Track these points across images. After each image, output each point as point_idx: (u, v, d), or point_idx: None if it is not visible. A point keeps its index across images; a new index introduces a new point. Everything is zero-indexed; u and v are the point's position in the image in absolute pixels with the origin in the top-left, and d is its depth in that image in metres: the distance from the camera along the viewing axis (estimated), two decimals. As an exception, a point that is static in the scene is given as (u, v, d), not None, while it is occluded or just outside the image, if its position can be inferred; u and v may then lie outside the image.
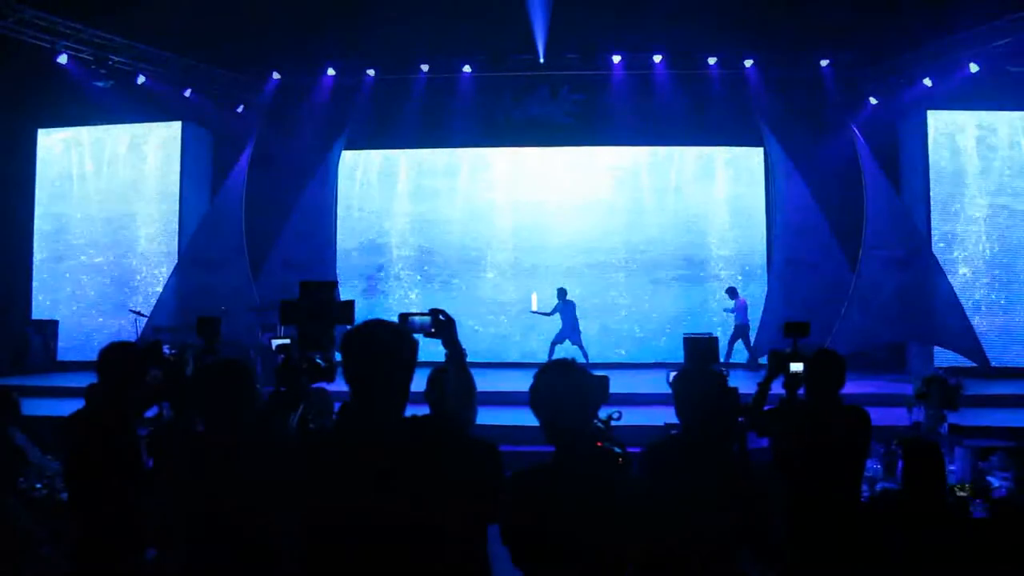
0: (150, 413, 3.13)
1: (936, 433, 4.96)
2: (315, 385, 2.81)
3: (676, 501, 2.47)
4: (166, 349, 3.92)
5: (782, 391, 3.98)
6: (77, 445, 3.01)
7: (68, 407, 8.02)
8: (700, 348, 4.06)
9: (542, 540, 2.20)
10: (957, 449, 4.64)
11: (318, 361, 2.78)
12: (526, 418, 2.37)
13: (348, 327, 2.53)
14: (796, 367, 3.87)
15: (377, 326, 2.16)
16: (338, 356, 2.18)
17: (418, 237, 14.73)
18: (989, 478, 4.74)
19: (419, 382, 2.34)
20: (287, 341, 2.85)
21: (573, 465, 2.27)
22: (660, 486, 2.58)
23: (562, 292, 12.84)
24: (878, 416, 7.36)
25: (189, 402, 2.78)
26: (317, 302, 2.89)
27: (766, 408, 3.84)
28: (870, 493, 4.32)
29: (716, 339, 4.10)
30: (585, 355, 12.21)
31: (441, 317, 2.52)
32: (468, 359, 2.54)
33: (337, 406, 2.20)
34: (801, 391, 3.81)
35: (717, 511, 2.49)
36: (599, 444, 2.55)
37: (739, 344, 12.62)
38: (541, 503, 2.21)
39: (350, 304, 2.93)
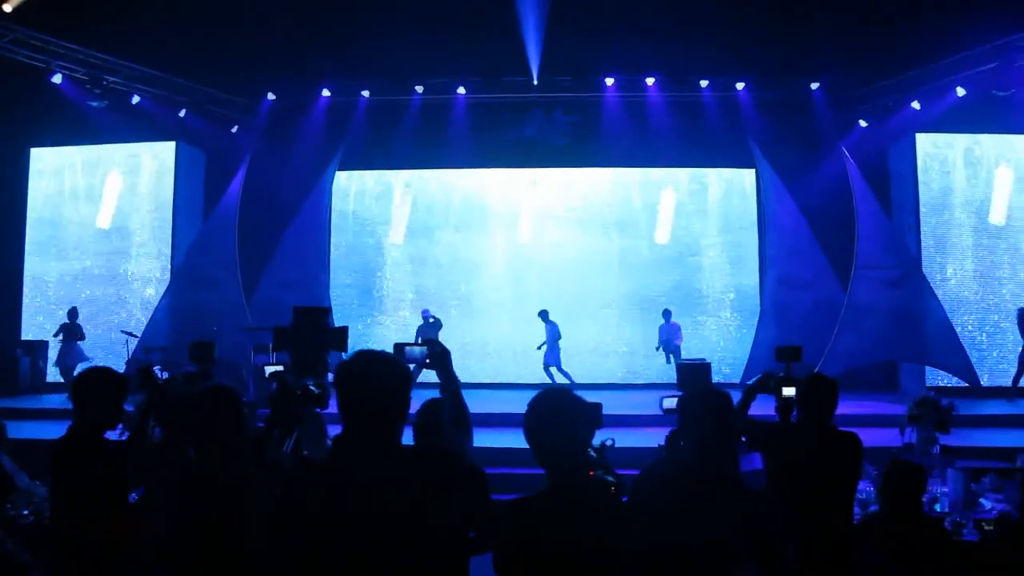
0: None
1: (928, 455, 4.97)
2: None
3: (676, 521, 2.48)
4: (157, 370, 3.91)
5: (774, 415, 3.99)
6: (58, 473, 2.99)
7: (57, 429, 7.96)
8: (694, 374, 4.07)
9: (536, 568, 2.19)
10: (950, 472, 4.65)
11: (311, 387, 2.78)
12: (521, 440, 2.38)
13: (342, 353, 2.54)
14: (788, 391, 3.89)
15: (372, 358, 2.17)
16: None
17: (412, 258, 14.72)
18: (982, 500, 4.75)
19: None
20: (280, 368, 2.84)
21: (565, 495, 2.27)
22: (659, 507, 2.58)
23: (543, 313, 12.91)
24: (870, 437, 7.39)
25: (179, 427, 2.77)
26: (310, 328, 2.89)
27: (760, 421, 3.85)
28: (862, 515, 4.32)
29: (709, 365, 4.11)
30: (551, 377, 12.30)
31: (436, 349, 2.53)
32: (462, 380, 2.57)
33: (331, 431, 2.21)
34: (794, 415, 3.82)
35: (720, 531, 2.49)
36: (591, 473, 2.53)
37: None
38: (534, 533, 2.21)
39: (343, 330, 2.93)
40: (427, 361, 2.53)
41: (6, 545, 3.33)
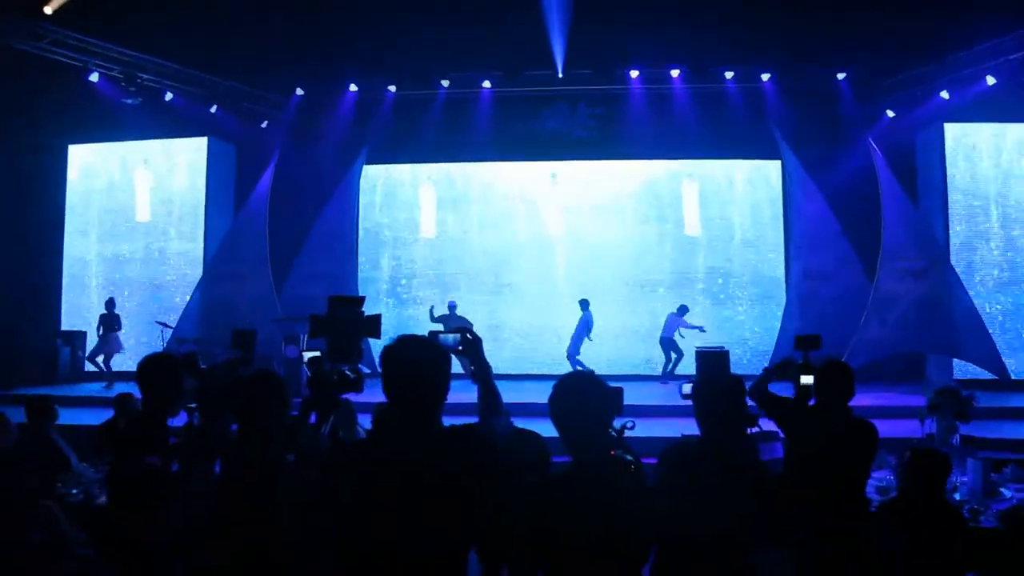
0: (180, 421, 3.29)
1: (948, 444, 5.03)
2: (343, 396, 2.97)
3: (697, 499, 2.61)
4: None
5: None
6: (120, 455, 3.18)
7: (95, 416, 8.28)
8: (712, 360, 4.19)
9: (561, 543, 2.34)
10: (969, 461, 4.71)
11: (347, 373, 2.94)
12: (548, 429, 2.51)
13: (376, 340, 2.70)
14: (806, 379, 3.99)
15: (415, 343, 2.34)
16: (364, 368, 2.33)
17: (438, 249, 14.89)
18: (1002, 489, 4.80)
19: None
20: (317, 354, 3.00)
21: (588, 472, 2.41)
22: (681, 485, 2.72)
23: (583, 303, 13.09)
24: (894, 427, 7.48)
25: (224, 410, 2.93)
26: (345, 316, 3.04)
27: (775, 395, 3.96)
28: (880, 502, 4.41)
29: (727, 352, 4.22)
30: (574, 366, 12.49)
31: (468, 336, 2.67)
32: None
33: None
34: (812, 402, 3.92)
35: (736, 509, 2.62)
36: (612, 452, 2.67)
37: None
38: (559, 508, 2.35)
39: (377, 318, 3.09)
40: (460, 348, 2.64)
41: (61, 525, 3.54)
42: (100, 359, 12.62)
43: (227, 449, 2.84)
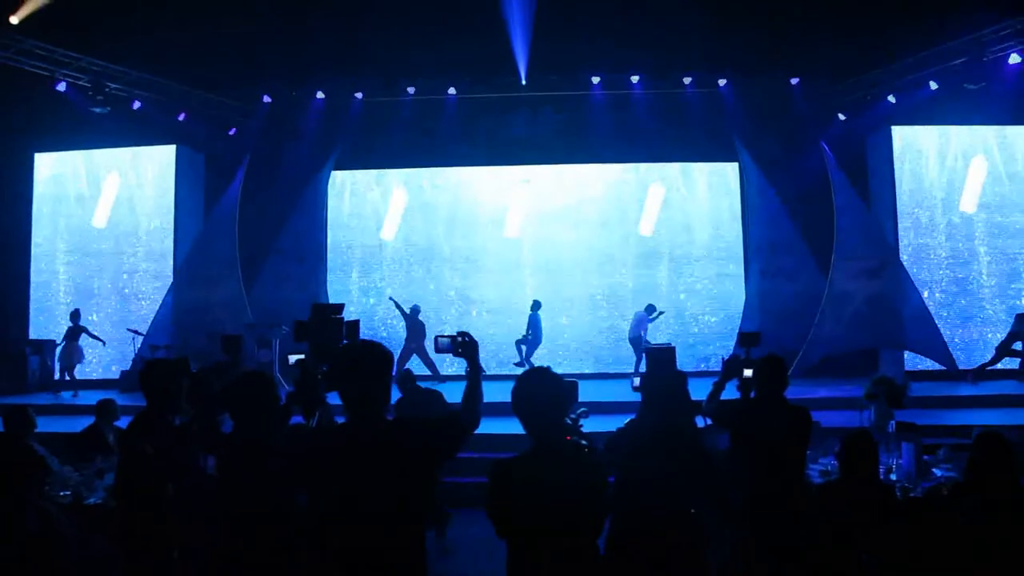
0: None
1: (883, 430, 5.43)
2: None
3: (646, 474, 2.96)
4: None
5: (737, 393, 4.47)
6: (125, 454, 3.42)
7: (67, 424, 8.44)
8: (660, 357, 4.57)
9: (522, 515, 2.66)
10: (903, 444, 5.10)
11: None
12: (502, 427, 2.83)
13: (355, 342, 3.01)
14: (748, 372, 4.36)
15: (360, 349, 2.73)
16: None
17: (406, 253, 15.10)
18: (934, 470, 5.21)
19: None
20: (302, 356, 3.29)
21: (547, 454, 2.74)
22: (627, 457, 3.08)
23: (534, 304, 13.53)
24: (844, 418, 7.89)
25: (216, 409, 3.20)
26: (327, 321, 3.33)
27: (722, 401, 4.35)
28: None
29: (674, 348, 4.61)
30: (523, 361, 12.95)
31: (467, 339, 2.97)
32: (453, 373, 3.03)
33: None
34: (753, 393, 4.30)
35: (681, 480, 2.98)
36: (568, 438, 2.99)
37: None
38: (521, 485, 2.68)
39: (355, 323, 3.37)
40: (459, 350, 2.94)
41: (61, 523, 3.75)
42: (66, 369, 12.63)
43: (222, 443, 3.11)
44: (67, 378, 12.45)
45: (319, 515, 2.60)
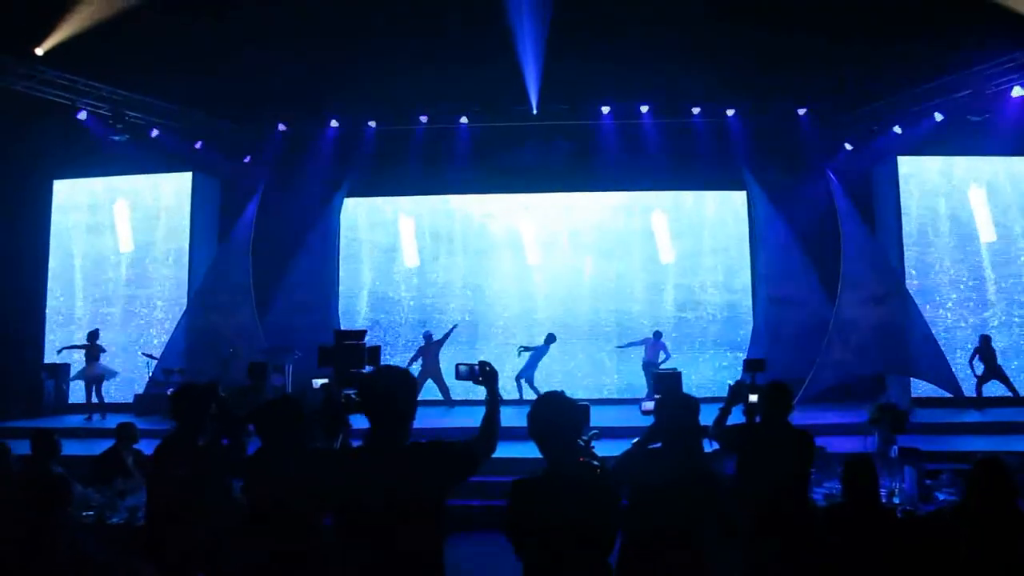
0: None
1: (886, 456, 5.53)
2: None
3: (657, 495, 3.10)
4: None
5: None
6: (155, 473, 3.57)
7: (83, 448, 8.60)
8: (667, 382, 4.71)
9: (538, 533, 2.78)
10: (906, 468, 5.20)
11: (353, 396, 3.38)
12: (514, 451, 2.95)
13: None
14: (753, 397, 4.49)
15: (387, 373, 2.85)
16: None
17: (418, 280, 15.28)
18: (936, 493, 5.30)
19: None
20: (326, 381, 3.45)
21: (561, 475, 2.87)
22: (637, 482, 3.21)
23: (549, 336, 13.63)
24: (850, 443, 7.96)
25: (242, 431, 3.35)
26: (350, 347, 3.48)
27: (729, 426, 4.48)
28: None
29: (680, 374, 4.75)
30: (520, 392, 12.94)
31: (488, 368, 3.10)
32: (465, 397, 3.17)
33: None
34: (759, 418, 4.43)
35: (690, 501, 3.11)
36: (581, 459, 3.12)
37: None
38: (536, 504, 2.80)
39: (376, 349, 3.52)
40: (480, 378, 3.07)
41: (88, 544, 3.90)
42: (88, 389, 12.75)
43: (248, 464, 3.26)
44: (95, 400, 12.57)
45: (344, 531, 2.72)
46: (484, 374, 3.07)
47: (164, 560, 3.32)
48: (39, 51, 11.09)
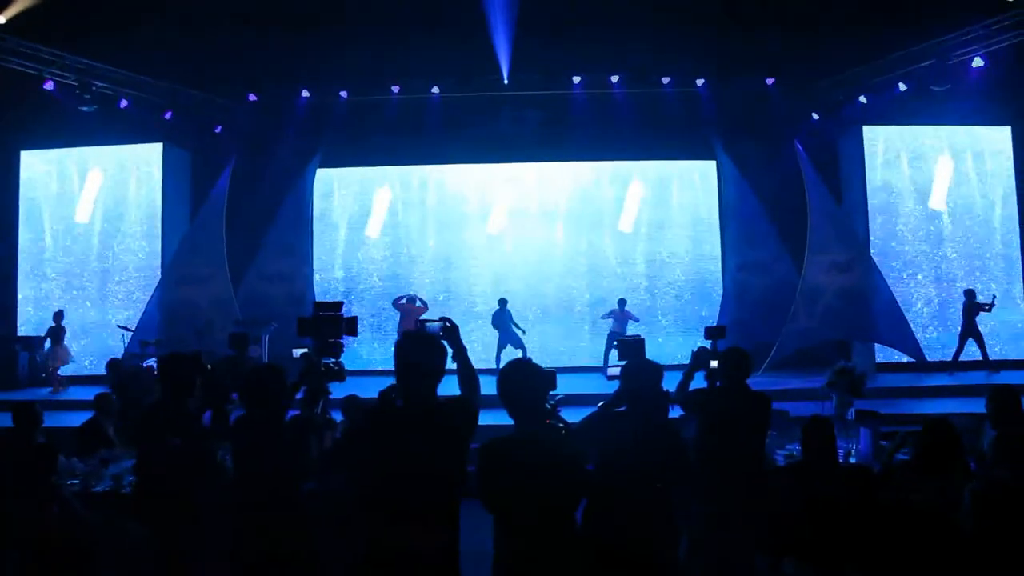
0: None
1: (843, 418, 5.80)
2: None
3: (624, 456, 3.31)
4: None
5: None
6: (146, 438, 3.71)
7: (60, 419, 8.70)
8: (630, 348, 4.93)
9: (507, 490, 2.98)
10: (861, 430, 5.47)
11: (332, 365, 3.52)
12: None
13: (354, 338, 3.31)
14: (715, 363, 4.72)
15: (419, 338, 3.08)
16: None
17: (389, 251, 15.36)
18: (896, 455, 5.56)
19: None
20: (306, 350, 3.59)
21: (529, 435, 3.06)
22: (602, 440, 3.43)
23: (501, 301, 13.70)
24: (813, 408, 8.24)
25: (227, 399, 3.49)
26: (328, 318, 3.62)
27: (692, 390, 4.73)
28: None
29: (643, 340, 4.98)
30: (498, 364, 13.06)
31: (448, 323, 3.27)
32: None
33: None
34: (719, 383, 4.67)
35: (655, 461, 3.33)
36: (548, 421, 3.32)
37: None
38: (506, 463, 3.00)
39: (354, 319, 3.66)
40: (441, 333, 3.24)
41: (78, 510, 4.04)
42: (50, 369, 12.82)
43: (233, 431, 3.41)
44: (48, 376, 12.66)
45: (376, 483, 2.93)
46: (445, 329, 3.25)
47: (153, 526, 3.46)
48: (1, 19, 10.90)
